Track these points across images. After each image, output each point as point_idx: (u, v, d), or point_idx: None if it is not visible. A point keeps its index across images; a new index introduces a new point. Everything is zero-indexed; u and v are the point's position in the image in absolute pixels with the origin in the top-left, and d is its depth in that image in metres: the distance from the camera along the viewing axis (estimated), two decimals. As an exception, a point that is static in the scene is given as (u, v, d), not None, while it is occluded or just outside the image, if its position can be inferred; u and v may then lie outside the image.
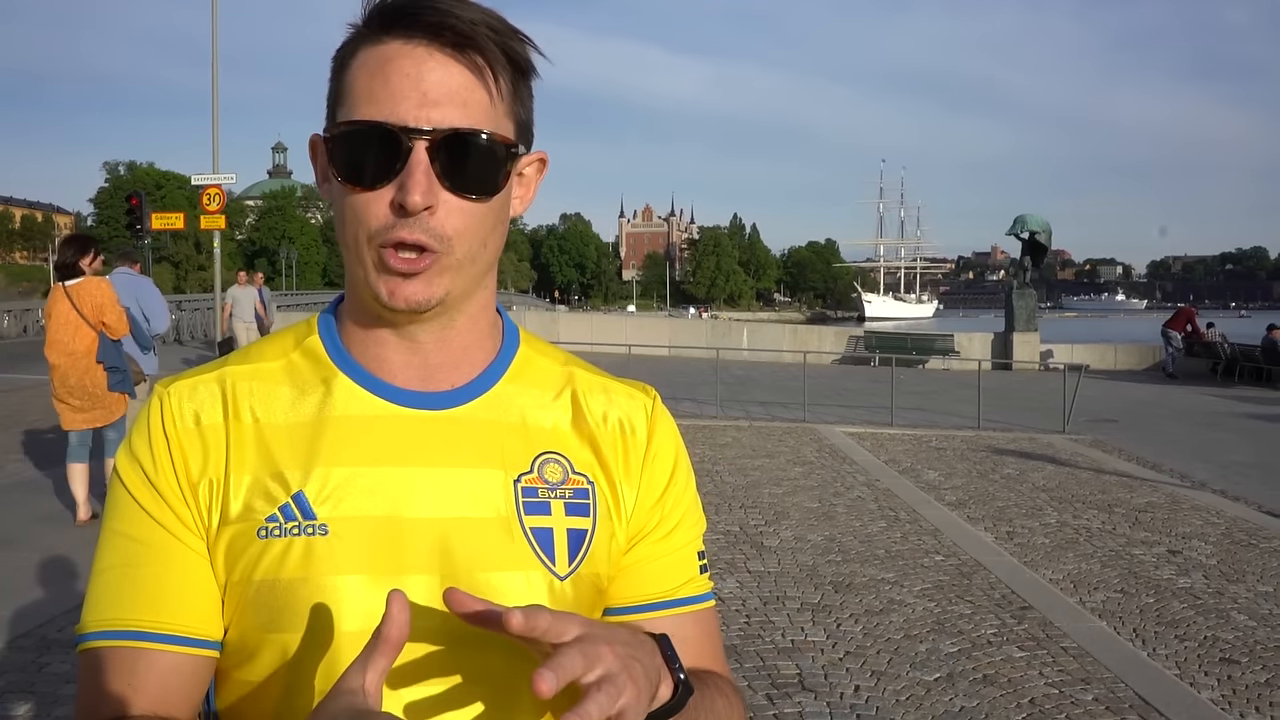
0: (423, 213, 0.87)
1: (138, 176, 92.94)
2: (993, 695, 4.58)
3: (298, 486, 0.91)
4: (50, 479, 8.88)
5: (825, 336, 30.49)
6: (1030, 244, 27.12)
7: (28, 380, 16.82)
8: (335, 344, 0.99)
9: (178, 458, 0.93)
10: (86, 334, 6.97)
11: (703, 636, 1.04)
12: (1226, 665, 5.06)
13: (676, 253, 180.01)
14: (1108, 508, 8.71)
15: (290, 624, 0.89)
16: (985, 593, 6.12)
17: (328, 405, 0.95)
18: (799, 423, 13.52)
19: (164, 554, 0.91)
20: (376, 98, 0.88)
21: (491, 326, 1.01)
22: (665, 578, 1.02)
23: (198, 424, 0.94)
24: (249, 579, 0.90)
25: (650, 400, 1.06)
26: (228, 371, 0.97)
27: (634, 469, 1.01)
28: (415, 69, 0.87)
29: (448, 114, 0.87)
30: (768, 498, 8.76)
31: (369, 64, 0.89)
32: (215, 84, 24.27)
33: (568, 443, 0.99)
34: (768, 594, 6.02)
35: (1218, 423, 15.29)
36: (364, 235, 0.89)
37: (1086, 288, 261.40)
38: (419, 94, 0.87)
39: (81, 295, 6.93)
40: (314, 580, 0.89)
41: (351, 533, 0.90)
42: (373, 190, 0.88)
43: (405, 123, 0.87)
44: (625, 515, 1.00)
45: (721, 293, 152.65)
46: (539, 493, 0.96)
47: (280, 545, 0.89)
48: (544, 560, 0.94)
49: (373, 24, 0.90)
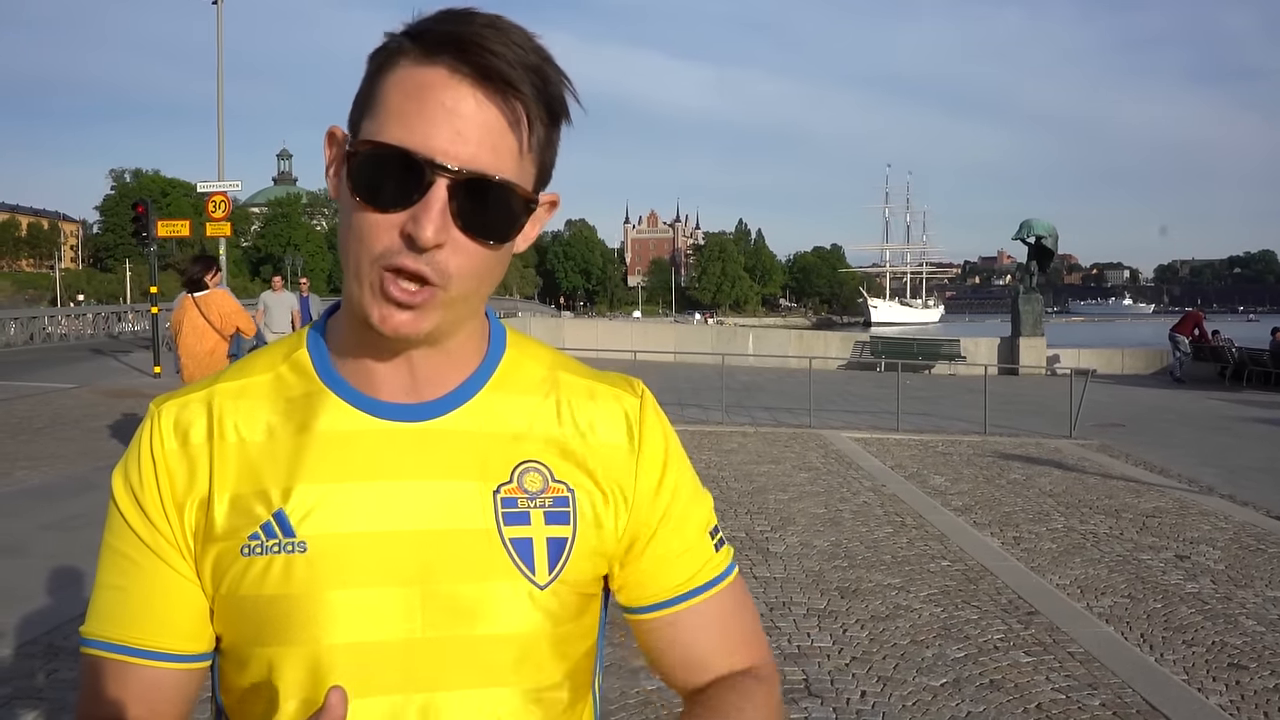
0: (435, 249, 0.87)
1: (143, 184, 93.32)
2: (999, 700, 4.57)
3: (279, 504, 0.93)
4: (58, 486, 8.90)
5: (831, 342, 30.49)
6: (1036, 248, 27.13)
7: (34, 388, 16.88)
8: (323, 358, 0.99)
9: (163, 478, 0.96)
10: (211, 337, 8.36)
11: (725, 618, 1.06)
12: (1235, 671, 5.04)
13: (682, 258, 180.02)
14: (1115, 513, 8.69)
15: (274, 638, 0.92)
16: (992, 598, 6.11)
17: (311, 421, 0.96)
18: (805, 428, 13.51)
19: (150, 575, 0.96)
20: (409, 122, 0.86)
21: (478, 336, 1.01)
22: (681, 569, 1.04)
23: (184, 444, 0.96)
24: (235, 594, 0.93)
25: (637, 398, 1.05)
26: (216, 390, 0.99)
27: (623, 471, 1.01)
28: (454, 103, 0.86)
29: (477, 155, 0.86)
30: (774, 503, 8.75)
31: (407, 84, 0.87)
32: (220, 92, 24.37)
33: (548, 450, 0.99)
34: (774, 600, 6.01)
35: (1226, 427, 15.25)
36: (367, 255, 0.88)
37: (1093, 292, 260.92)
38: (452, 130, 0.86)
39: (209, 305, 8.35)
40: (294, 596, 0.91)
41: (330, 549, 0.92)
42: (385, 213, 0.87)
43: (433, 156, 0.85)
44: (618, 518, 1.00)
45: (727, 298, 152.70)
46: (518, 503, 0.96)
47: (262, 563, 0.92)
48: (523, 570, 0.94)
49: (421, 43, 0.88)
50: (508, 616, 0.93)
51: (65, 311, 38.28)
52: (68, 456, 10.45)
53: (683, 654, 1.05)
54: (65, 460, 10.25)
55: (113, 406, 13.96)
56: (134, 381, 18.00)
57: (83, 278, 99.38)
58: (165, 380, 17.60)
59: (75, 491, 8.62)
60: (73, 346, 28.42)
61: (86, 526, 7.34)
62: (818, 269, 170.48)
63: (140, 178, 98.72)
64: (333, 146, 0.95)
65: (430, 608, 0.92)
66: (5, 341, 27.89)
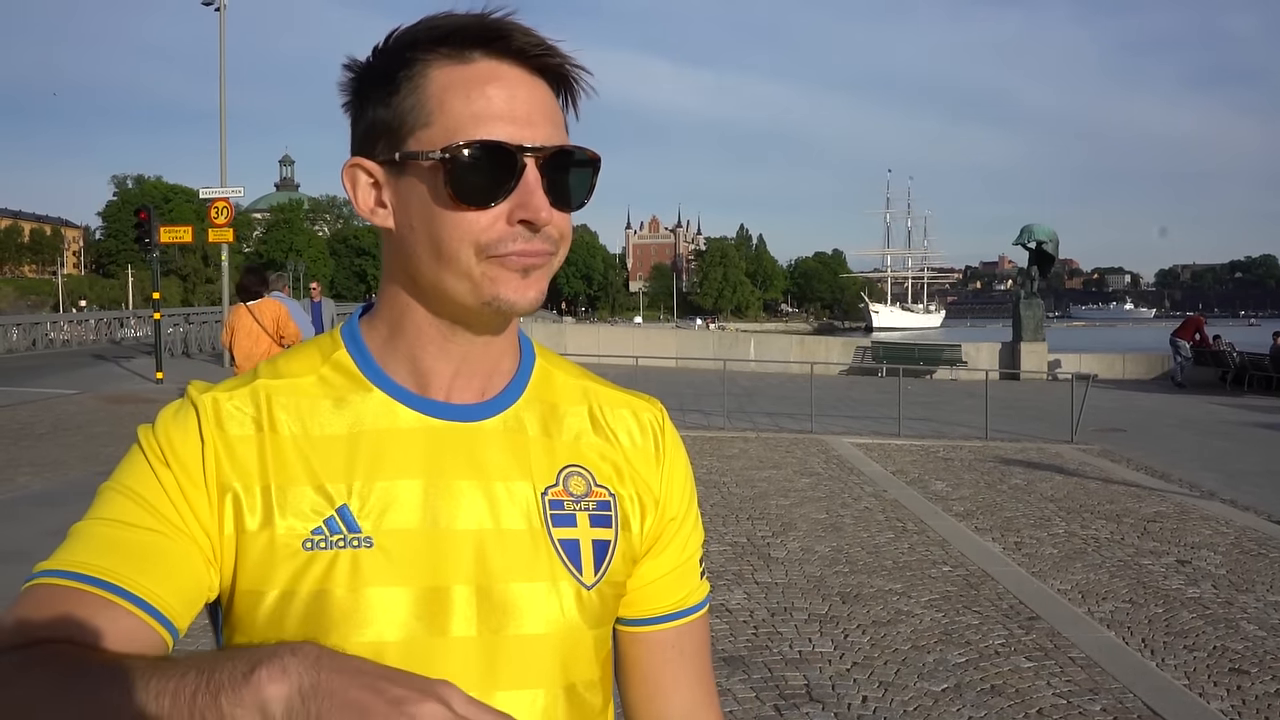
0: (548, 226, 0.92)
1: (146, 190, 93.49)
2: (1000, 706, 4.58)
3: (341, 500, 0.92)
4: (60, 491, 8.92)
5: (832, 347, 30.47)
6: (1037, 253, 27.11)
7: (37, 393, 16.89)
8: (365, 357, 1.00)
9: (209, 460, 0.92)
10: (264, 341, 8.86)
11: (698, 648, 1.10)
12: (1236, 675, 5.05)
13: (683, 264, 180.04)
14: (1116, 518, 8.69)
15: (335, 633, 0.89)
16: (993, 603, 6.11)
17: (362, 419, 0.96)
18: (806, 434, 13.51)
19: (169, 527, 0.89)
20: (481, 117, 0.90)
21: (514, 335, 1.04)
22: (676, 589, 1.07)
23: (236, 433, 0.94)
24: (293, 590, 0.90)
25: (660, 414, 1.10)
26: (261, 385, 0.97)
27: (650, 482, 1.05)
28: (511, 89, 0.91)
29: (548, 133, 0.92)
30: (775, 509, 8.76)
31: (458, 84, 0.90)
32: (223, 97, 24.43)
33: (589, 456, 1.02)
34: (775, 605, 6.02)
35: (1227, 432, 15.25)
36: (474, 250, 0.91)
37: (1094, 297, 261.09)
38: (524, 114, 0.91)
39: (263, 312, 8.94)
40: (360, 591, 0.90)
41: (394, 545, 0.92)
42: (487, 209, 0.90)
43: (520, 141, 0.90)
44: (642, 527, 1.04)
45: (728, 304, 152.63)
46: (565, 505, 0.98)
47: (326, 557, 0.91)
48: (572, 570, 0.97)
49: (449, 44, 0.91)
50: (557, 616, 0.95)
51: (68, 317, 38.32)
52: (70, 462, 10.47)
53: (648, 675, 1.08)
54: (68, 466, 10.27)
55: (115, 412, 13.98)
56: (137, 387, 18.01)
57: (85, 283, 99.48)
58: (168, 386, 17.62)
59: (78, 497, 8.52)
60: (75, 352, 28.44)
61: (89, 532, 7.37)
62: (819, 274, 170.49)
63: (143, 184, 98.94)
64: (359, 179, 0.95)
65: (485, 606, 0.93)
66: (8, 347, 27.91)
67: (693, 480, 1.11)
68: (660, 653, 1.07)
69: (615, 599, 1.02)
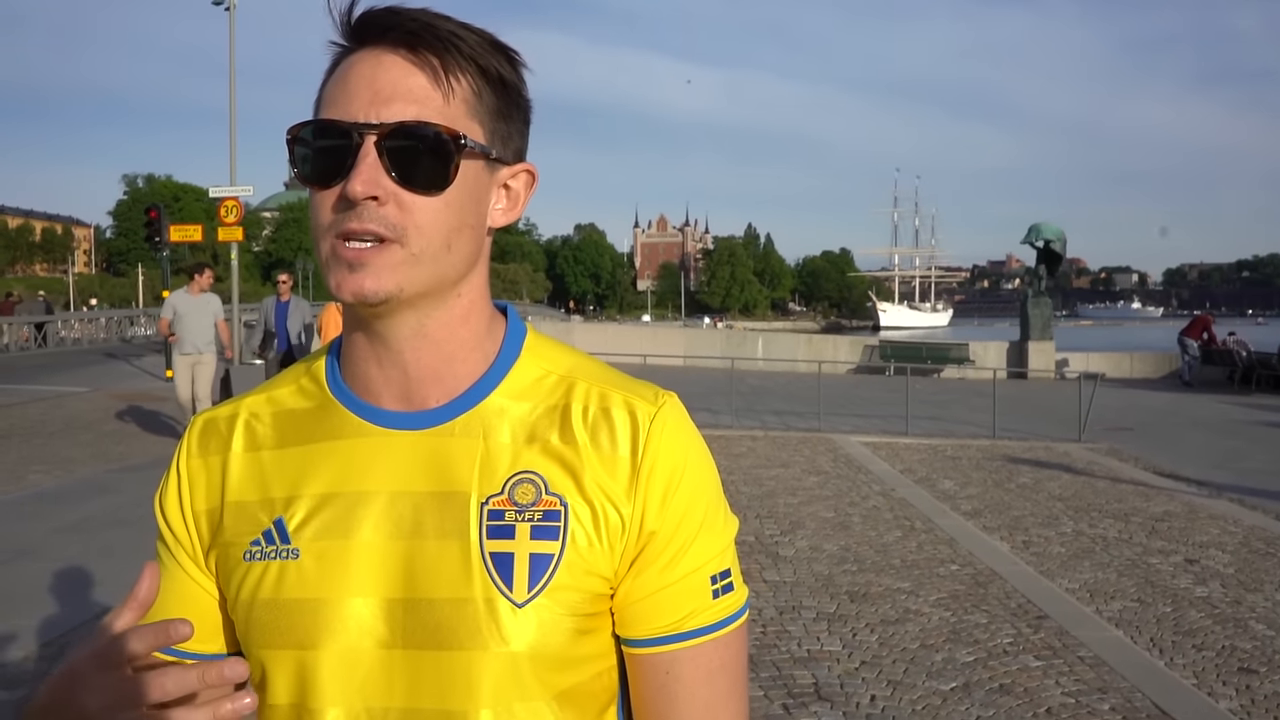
0: (371, 203, 0.87)
1: (156, 189, 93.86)
2: (1009, 705, 4.58)
3: (280, 512, 0.96)
4: (71, 490, 8.96)
5: (840, 346, 30.42)
6: (1045, 252, 27.04)
7: (48, 391, 16.97)
8: (334, 368, 1.01)
9: (184, 489, 1.02)
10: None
11: (706, 675, 0.97)
12: (1245, 675, 5.05)
13: (691, 263, 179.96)
14: (1124, 516, 8.68)
15: (265, 641, 0.95)
16: (1001, 602, 6.12)
17: (316, 431, 0.98)
18: (814, 432, 13.51)
19: (173, 579, 1.01)
20: (335, 101, 0.91)
21: (480, 337, 0.98)
22: (670, 610, 0.95)
23: (206, 455, 1.02)
24: (237, 598, 0.97)
25: (654, 408, 0.97)
26: (244, 403, 1.04)
27: (623, 486, 0.94)
28: (371, 70, 0.90)
29: (398, 110, 0.88)
30: (783, 507, 8.77)
31: (337, 75, 0.93)
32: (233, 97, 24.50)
33: (546, 461, 0.94)
34: (784, 604, 6.03)
35: (1235, 431, 15.20)
36: (319, 231, 0.90)
37: (1102, 296, 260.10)
38: (371, 92, 0.89)
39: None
40: (285, 602, 0.94)
41: (317, 557, 0.94)
42: (329, 188, 0.89)
43: (355, 118, 0.88)
44: (601, 539, 0.93)
45: (736, 302, 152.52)
46: (505, 515, 0.92)
47: (259, 568, 0.96)
48: (500, 586, 0.91)
49: (348, 38, 0.93)
50: (481, 634, 0.90)
51: (78, 315, 38.43)
52: (81, 460, 10.53)
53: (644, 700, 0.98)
54: (78, 464, 10.32)
55: (125, 410, 14.03)
56: (147, 385, 18.08)
57: (96, 282, 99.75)
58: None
59: (88, 495, 8.68)
60: (85, 350, 28.57)
61: (100, 530, 7.40)
62: (827, 273, 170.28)
63: (153, 183, 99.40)
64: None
65: (411, 621, 0.91)
66: (19, 345, 28.03)
67: (698, 484, 0.97)
68: (655, 677, 0.96)
69: (569, 615, 0.92)
